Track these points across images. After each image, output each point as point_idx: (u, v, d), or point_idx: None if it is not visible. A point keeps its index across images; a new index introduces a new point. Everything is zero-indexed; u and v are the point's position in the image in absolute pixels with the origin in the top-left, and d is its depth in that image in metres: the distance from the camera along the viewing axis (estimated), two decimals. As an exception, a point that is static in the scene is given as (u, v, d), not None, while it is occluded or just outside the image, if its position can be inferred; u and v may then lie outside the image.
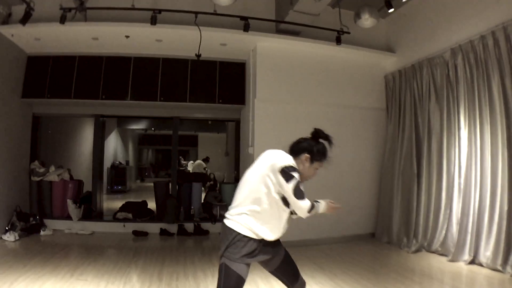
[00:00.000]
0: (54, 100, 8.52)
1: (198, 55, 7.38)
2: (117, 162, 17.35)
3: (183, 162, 19.64)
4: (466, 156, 6.50)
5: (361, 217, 8.30)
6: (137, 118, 14.56)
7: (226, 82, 8.61)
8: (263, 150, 6.93)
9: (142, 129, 19.39)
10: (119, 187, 16.68)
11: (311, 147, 3.24)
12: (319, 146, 3.28)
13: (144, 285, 5.16)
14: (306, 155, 3.20)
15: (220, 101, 8.52)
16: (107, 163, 16.31)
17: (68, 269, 5.75)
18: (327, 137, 3.30)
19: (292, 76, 7.89)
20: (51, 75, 8.44)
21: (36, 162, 9.01)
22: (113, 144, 17.35)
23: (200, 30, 7.06)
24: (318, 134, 3.31)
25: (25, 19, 6.84)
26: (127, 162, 18.80)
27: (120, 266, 6.03)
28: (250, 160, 7.40)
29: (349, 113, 8.23)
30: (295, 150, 3.24)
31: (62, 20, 6.79)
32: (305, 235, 7.49)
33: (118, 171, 16.94)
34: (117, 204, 9.82)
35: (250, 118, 7.79)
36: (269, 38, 7.67)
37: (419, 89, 7.63)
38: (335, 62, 8.25)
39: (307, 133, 7.14)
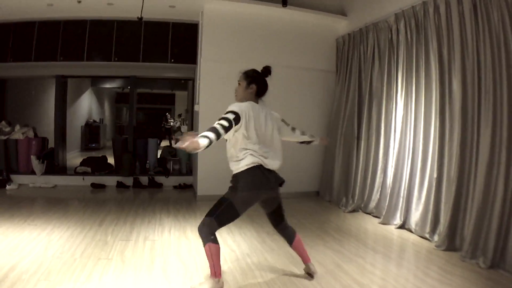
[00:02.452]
0: (17, 64, 8.99)
1: (140, 18, 7.72)
2: (91, 120, 17.76)
3: (169, 119, 19.90)
4: (401, 122, 6.59)
5: (307, 176, 8.70)
6: (112, 78, 14.99)
7: (179, 42, 9.03)
8: (208, 108, 7.51)
9: (118, 88, 19.61)
10: (93, 145, 17.19)
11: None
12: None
13: (84, 229, 5.79)
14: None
15: (172, 60, 8.98)
16: (81, 121, 16.82)
17: (23, 217, 6.37)
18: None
19: (240, 38, 8.16)
20: (13, 40, 8.91)
21: (3, 122, 9.56)
22: (87, 102, 17.66)
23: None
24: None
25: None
26: (102, 120, 19.19)
27: (69, 214, 6.67)
28: (197, 117, 8.00)
29: (297, 74, 8.49)
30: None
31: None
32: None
33: (92, 129, 17.40)
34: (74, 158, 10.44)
35: (197, 76, 8.25)
36: (216, 0, 7.91)
37: (365, 53, 7.67)
38: (285, 24, 8.45)
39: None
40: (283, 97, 8.18)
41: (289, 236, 4.28)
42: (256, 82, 4.03)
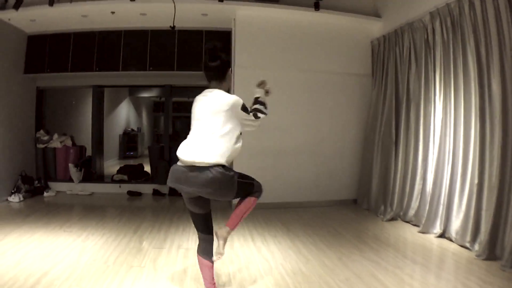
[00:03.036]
0: (54, 74, 9.16)
1: (172, 27, 7.77)
2: (129, 129, 18.00)
3: None
4: (441, 125, 6.30)
5: (344, 183, 8.45)
6: (149, 87, 15.08)
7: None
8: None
9: (156, 97, 19.78)
10: (131, 153, 17.42)
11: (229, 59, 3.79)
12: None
13: (119, 236, 5.85)
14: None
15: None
16: (119, 130, 17.04)
17: (59, 223, 6.47)
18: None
19: (272, 43, 8.08)
20: (50, 51, 9.08)
21: (41, 131, 9.76)
22: (125, 111, 17.93)
23: (174, 3, 7.44)
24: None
25: (18, 5, 7.50)
26: (139, 129, 19.41)
27: (105, 221, 6.74)
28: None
29: (331, 79, 8.30)
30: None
31: (51, 3, 7.43)
32: (285, 198, 8.00)
33: (130, 137, 17.68)
34: (111, 166, 10.57)
35: (232, 84, 8.13)
36: (248, 7, 7.86)
37: (401, 54, 7.44)
38: (317, 28, 8.31)
39: (287, 99, 7.57)
40: (318, 102, 8.13)
41: None
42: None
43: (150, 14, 8.27)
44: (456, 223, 5.80)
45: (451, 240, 5.84)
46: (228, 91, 3.68)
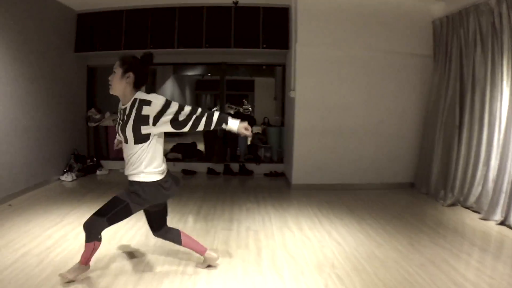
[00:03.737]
0: (106, 52, 8.94)
1: (235, 2, 7.54)
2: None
3: (246, 105, 19.67)
4: (507, 111, 5.96)
5: (403, 166, 8.11)
6: (193, 65, 14.89)
7: (270, 27, 8.62)
8: (305, 94, 7.23)
9: (199, 75, 19.66)
10: (177, 131, 17.26)
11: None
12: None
13: (183, 216, 5.67)
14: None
15: (264, 46, 8.60)
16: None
17: (119, 204, 6.31)
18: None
19: (334, 20, 7.70)
20: (101, 29, 8.90)
21: (93, 110, 9.63)
22: (169, 90, 17.81)
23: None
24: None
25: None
26: (184, 107, 19.20)
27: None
28: (292, 104, 7.69)
29: (392, 58, 7.90)
30: None
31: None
32: (344, 179, 7.73)
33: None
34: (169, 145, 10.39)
35: (292, 62, 7.86)
36: None
37: (465, 37, 7.01)
38: (378, 6, 7.88)
39: (348, 78, 7.28)
40: (378, 82, 7.73)
41: (174, 237, 3.96)
42: (133, 70, 3.41)
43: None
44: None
45: (511, 228, 5.55)
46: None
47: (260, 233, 5.05)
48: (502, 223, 5.70)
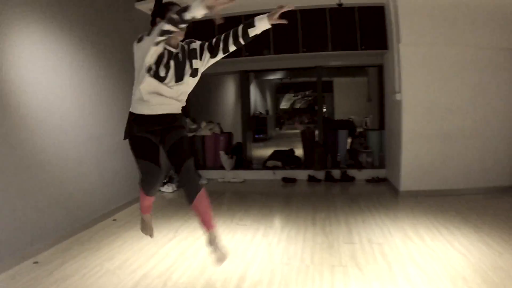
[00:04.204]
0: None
1: (340, 4, 7.29)
2: (258, 112, 17.85)
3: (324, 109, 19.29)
4: None
5: (502, 167, 7.45)
6: (297, 69, 14.73)
7: (367, 27, 8.26)
8: (411, 96, 6.89)
9: (279, 79, 19.62)
10: (261, 136, 17.27)
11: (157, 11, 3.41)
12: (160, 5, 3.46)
13: (300, 229, 5.42)
14: (157, 19, 3.31)
15: (363, 47, 8.26)
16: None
17: (228, 215, 6.23)
18: None
19: (439, 16, 7.20)
20: (194, 37, 8.79)
21: (188, 119, 9.64)
22: (252, 95, 17.82)
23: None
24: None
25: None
26: (267, 112, 19.25)
27: (273, 211, 6.44)
28: (398, 107, 7.36)
29: (498, 55, 7.26)
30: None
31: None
32: (451, 184, 7.26)
33: (259, 120, 17.47)
34: (260, 152, 10.33)
35: (395, 63, 7.44)
36: None
37: None
38: None
39: (455, 78, 6.85)
40: (484, 80, 7.20)
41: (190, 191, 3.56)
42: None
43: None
44: None
45: None
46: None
47: (384, 246, 4.74)
48: None
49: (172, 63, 3.33)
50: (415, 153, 7.15)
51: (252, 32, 3.33)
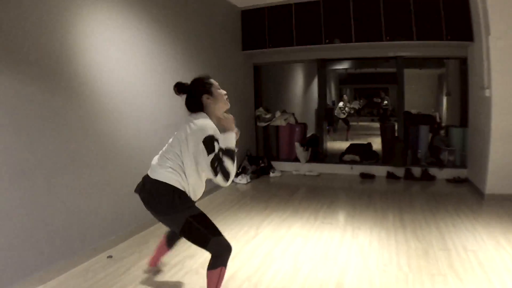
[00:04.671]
0: (271, 50, 8.73)
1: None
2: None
3: (385, 101, 18.42)
4: None
5: None
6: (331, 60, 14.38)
7: (451, 17, 7.68)
8: (502, 92, 6.38)
9: (344, 69, 19.20)
10: (328, 127, 16.92)
11: (196, 91, 3.24)
12: (198, 83, 3.29)
13: (389, 232, 5.12)
14: (204, 96, 3.23)
15: (449, 37, 7.70)
16: (314, 105, 16.60)
17: (310, 212, 5.99)
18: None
19: None
20: (269, 25, 8.65)
21: (261, 109, 9.44)
22: (316, 85, 17.53)
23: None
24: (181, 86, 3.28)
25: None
26: (333, 103, 18.90)
27: (358, 209, 6.14)
28: (486, 104, 6.89)
29: None
30: (195, 106, 3.27)
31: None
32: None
33: (326, 111, 17.07)
34: (330, 144, 9.96)
35: (483, 57, 6.89)
36: None
37: None
38: None
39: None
40: None
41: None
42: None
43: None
44: None
45: None
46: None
47: (478, 253, 4.38)
48: None
49: None
50: (504, 154, 6.63)
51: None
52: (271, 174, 8.57)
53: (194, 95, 3.21)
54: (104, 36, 4.70)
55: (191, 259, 4.35)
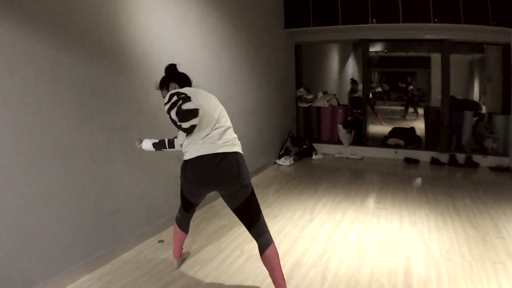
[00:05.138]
0: (316, 28, 8.59)
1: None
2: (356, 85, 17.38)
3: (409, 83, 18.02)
4: None
5: None
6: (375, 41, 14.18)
7: (497, 2, 7.47)
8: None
9: (374, 51, 19.04)
10: (358, 111, 16.80)
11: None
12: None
13: (446, 218, 5.09)
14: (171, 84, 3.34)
15: (494, 23, 7.53)
16: (347, 87, 16.48)
17: (362, 197, 5.96)
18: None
19: None
20: (313, 3, 8.50)
21: (302, 89, 9.38)
22: (351, 68, 17.38)
23: None
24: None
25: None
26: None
27: (410, 195, 6.09)
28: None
29: None
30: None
31: None
32: None
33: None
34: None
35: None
36: None
37: None
38: None
39: None
40: None
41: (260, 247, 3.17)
42: (173, 81, 3.37)
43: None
44: None
45: None
46: None
47: None
48: None
49: None
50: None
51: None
52: (314, 157, 8.51)
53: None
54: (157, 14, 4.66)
55: (249, 244, 4.31)
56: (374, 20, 8.11)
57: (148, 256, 4.09)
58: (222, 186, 3.11)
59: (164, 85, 3.36)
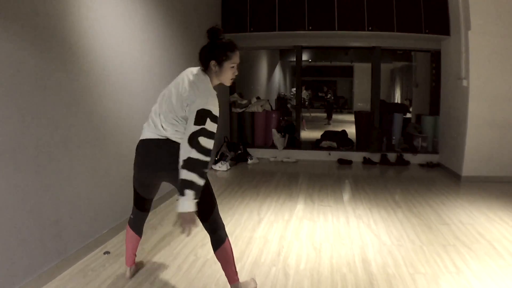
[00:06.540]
0: (254, 34, 8.67)
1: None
2: (282, 94, 17.67)
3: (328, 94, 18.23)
4: None
5: None
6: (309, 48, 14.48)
7: (430, 11, 8.01)
8: (479, 83, 6.81)
9: (306, 61, 19.43)
10: (285, 118, 17.09)
11: (210, 52, 2.94)
12: (217, 46, 2.94)
13: (388, 210, 5.36)
14: (212, 62, 2.92)
15: (427, 31, 8.03)
16: (273, 95, 16.74)
17: (305, 197, 6.08)
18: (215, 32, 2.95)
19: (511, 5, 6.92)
20: (251, 9, 8.59)
21: (235, 95, 9.42)
22: (277, 76, 17.67)
23: None
24: (210, 34, 2.97)
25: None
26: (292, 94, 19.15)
27: (348, 193, 6.36)
28: (463, 93, 7.22)
29: None
30: (202, 62, 3.00)
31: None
32: (508, 171, 7.17)
33: (283, 102, 17.27)
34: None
35: (462, 50, 7.20)
36: None
37: None
38: None
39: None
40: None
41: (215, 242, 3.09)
42: (214, 57, 2.94)
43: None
44: None
45: None
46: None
47: (475, 226, 4.77)
48: None
49: None
50: (480, 139, 7.08)
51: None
52: (249, 161, 8.54)
53: (206, 54, 2.96)
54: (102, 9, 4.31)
55: (202, 248, 4.15)
56: (310, 27, 8.31)
57: (96, 269, 3.66)
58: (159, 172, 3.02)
59: (205, 60, 2.97)
